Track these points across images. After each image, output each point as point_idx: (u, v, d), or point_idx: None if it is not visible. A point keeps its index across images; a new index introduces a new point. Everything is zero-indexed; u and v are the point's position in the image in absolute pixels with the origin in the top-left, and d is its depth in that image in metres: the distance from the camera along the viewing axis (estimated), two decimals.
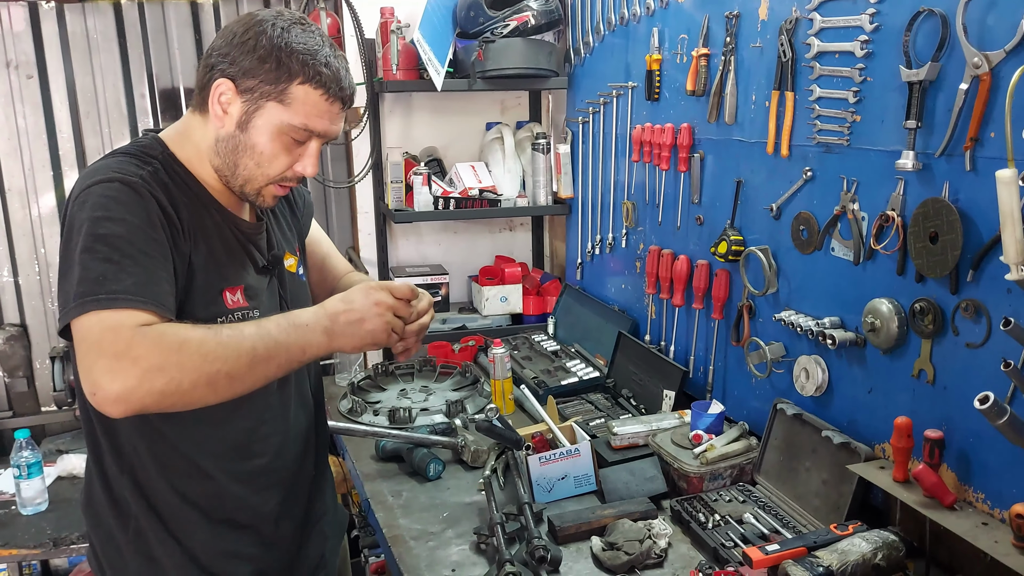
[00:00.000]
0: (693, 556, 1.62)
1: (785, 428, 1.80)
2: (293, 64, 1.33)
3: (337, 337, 1.36)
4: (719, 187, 2.09)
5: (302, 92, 1.35)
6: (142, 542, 1.44)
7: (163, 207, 1.31)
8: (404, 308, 1.45)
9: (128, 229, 1.25)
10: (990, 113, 1.34)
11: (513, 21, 2.76)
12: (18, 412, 3.07)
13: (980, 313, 1.39)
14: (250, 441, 1.49)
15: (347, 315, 1.37)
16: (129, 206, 1.27)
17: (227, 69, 1.34)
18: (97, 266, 1.22)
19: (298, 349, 1.32)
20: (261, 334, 1.28)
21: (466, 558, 1.64)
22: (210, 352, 1.22)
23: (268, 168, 1.40)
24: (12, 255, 3.02)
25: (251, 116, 1.36)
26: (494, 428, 1.88)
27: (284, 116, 1.35)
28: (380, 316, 1.40)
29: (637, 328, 2.53)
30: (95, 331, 1.19)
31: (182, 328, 1.24)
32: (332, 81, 1.37)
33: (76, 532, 2.47)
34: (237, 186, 1.43)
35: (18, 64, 2.91)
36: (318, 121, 1.38)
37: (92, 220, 1.24)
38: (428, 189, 2.92)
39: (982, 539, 1.33)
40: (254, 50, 1.33)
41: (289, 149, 1.39)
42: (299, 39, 1.34)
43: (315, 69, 1.34)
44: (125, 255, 1.24)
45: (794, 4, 1.75)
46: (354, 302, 1.39)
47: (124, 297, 1.21)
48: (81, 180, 1.32)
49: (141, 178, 1.31)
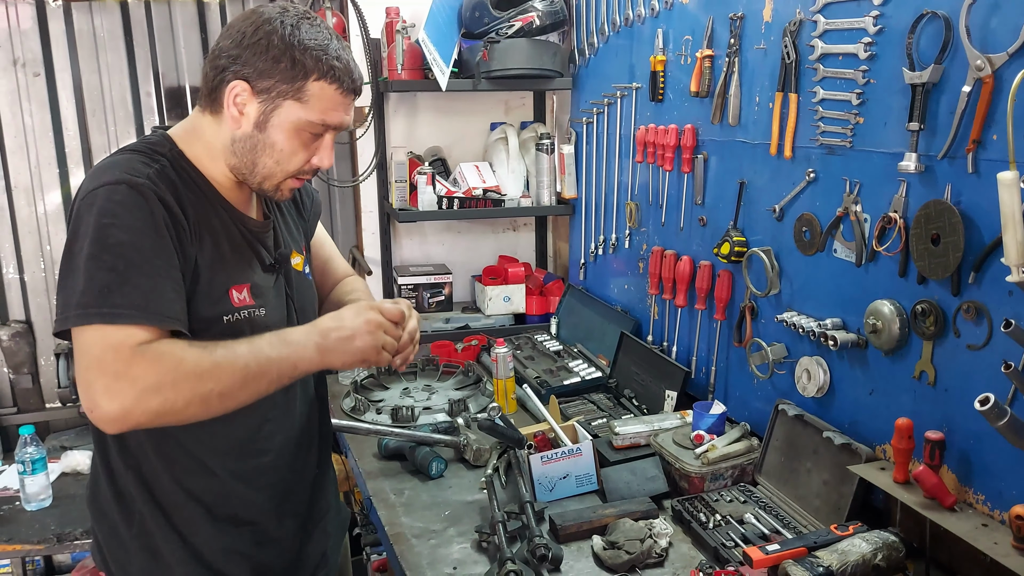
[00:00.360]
0: (694, 556, 1.63)
1: (786, 429, 1.80)
2: (308, 61, 1.34)
3: (328, 353, 1.40)
4: (722, 188, 2.10)
5: (318, 88, 1.36)
6: (146, 537, 1.45)
7: (169, 208, 1.32)
8: (394, 328, 1.48)
9: (133, 236, 1.27)
10: (992, 116, 1.34)
11: (518, 21, 2.77)
12: (23, 408, 3.08)
13: (981, 315, 1.39)
14: (255, 439, 1.50)
15: (338, 332, 1.40)
16: (135, 211, 1.28)
17: (240, 70, 1.35)
18: (102, 276, 1.24)
19: (289, 365, 1.36)
20: (254, 351, 1.32)
21: (468, 556, 1.64)
22: (204, 372, 1.26)
23: (287, 164, 1.42)
24: (18, 252, 3.03)
25: (269, 116, 1.37)
26: (496, 427, 1.89)
27: (302, 113, 1.37)
28: (370, 335, 1.42)
29: (639, 328, 2.54)
30: (97, 348, 1.23)
31: (178, 347, 1.27)
32: (345, 74, 1.39)
33: (79, 528, 2.48)
34: (256, 183, 1.44)
35: (25, 62, 2.93)
36: (334, 114, 1.40)
37: (99, 226, 1.26)
38: (432, 189, 2.93)
39: (982, 540, 1.33)
40: (267, 50, 1.34)
41: (306, 144, 1.41)
42: (309, 35, 1.35)
43: (328, 64, 1.36)
44: (131, 264, 1.26)
45: (798, 6, 1.75)
46: (345, 320, 1.42)
47: (127, 312, 1.24)
48: (89, 179, 1.33)
49: (148, 178, 1.31)
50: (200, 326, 1.36)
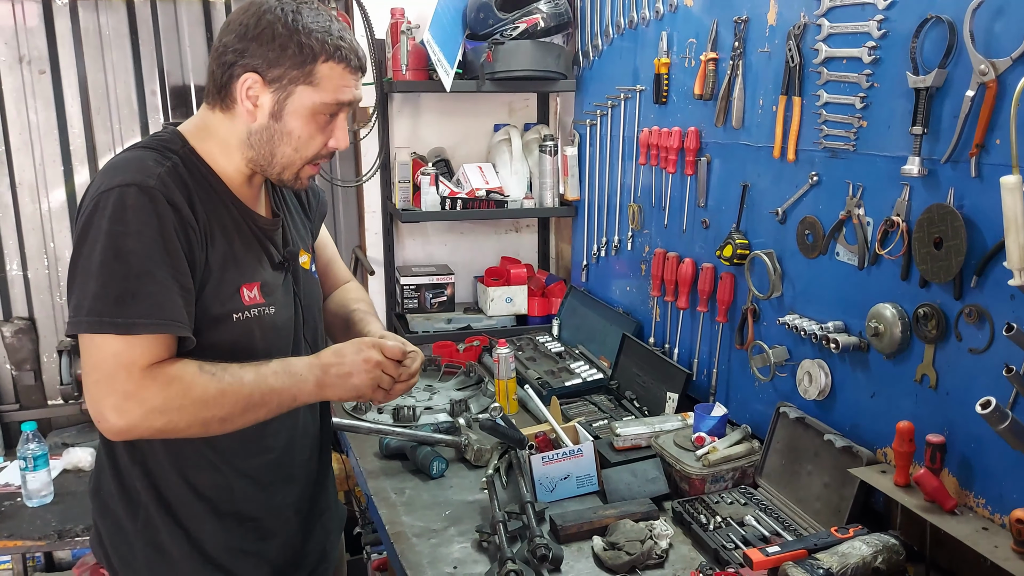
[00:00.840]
0: (694, 557, 1.63)
1: (787, 431, 1.81)
2: (314, 44, 1.36)
3: (327, 388, 1.44)
4: (725, 191, 2.10)
5: (327, 69, 1.38)
6: (151, 532, 1.46)
7: (179, 210, 1.33)
8: (393, 367, 1.49)
9: (144, 243, 1.28)
10: (996, 120, 1.34)
11: (522, 23, 2.77)
12: (25, 405, 3.09)
13: (983, 319, 1.39)
14: (261, 436, 1.50)
15: (337, 368, 1.44)
16: (145, 216, 1.29)
17: (249, 62, 1.36)
18: (116, 284, 1.27)
19: (289, 397, 1.40)
20: (259, 381, 1.36)
21: (468, 556, 1.65)
22: (210, 399, 1.31)
23: (305, 150, 1.43)
24: (22, 249, 3.04)
25: (283, 104, 1.38)
26: (497, 427, 1.89)
27: (315, 96, 1.38)
28: (367, 372, 1.45)
29: (641, 330, 2.54)
30: (109, 364, 1.27)
31: (189, 372, 1.31)
32: (351, 52, 1.41)
33: (81, 524, 2.49)
34: (275, 173, 1.45)
35: (31, 59, 2.94)
36: (346, 91, 1.41)
37: (110, 232, 1.27)
38: (435, 189, 2.93)
39: (982, 544, 1.33)
40: (272, 39, 1.35)
41: (322, 128, 1.43)
42: (311, 19, 1.37)
43: (335, 45, 1.38)
44: (143, 272, 1.28)
45: (802, 9, 1.75)
46: (346, 356, 1.45)
47: (140, 323, 1.27)
48: (101, 177, 1.34)
49: (159, 178, 1.32)
50: (211, 324, 1.38)
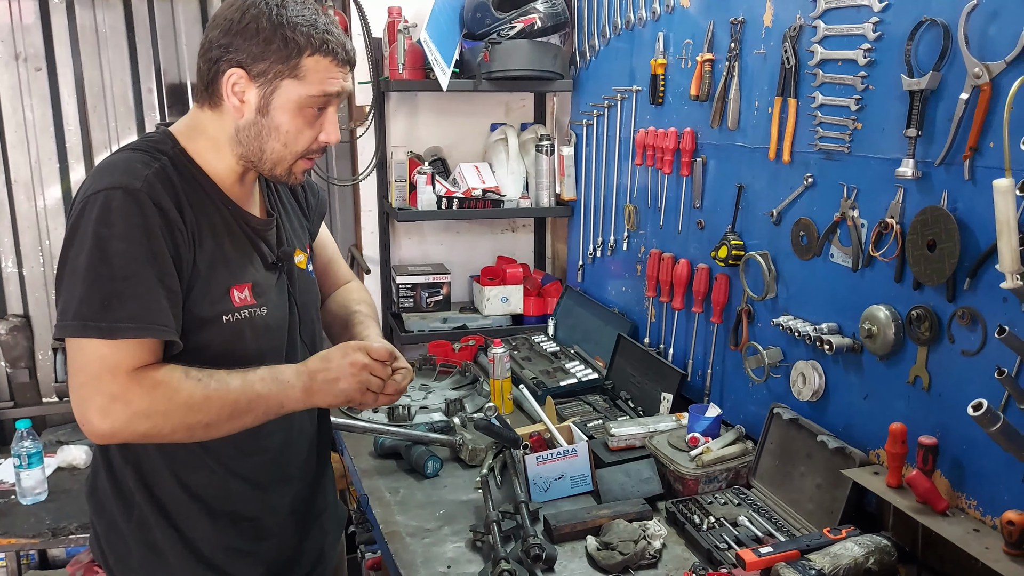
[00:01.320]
0: (687, 557, 1.63)
1: (781, 432, 1.81)
2: (299, 38, 1.35)
3: (314, 394, 1.43)
4: (720, 192, 2.10)
5: (313, 62, 1.37)
6: (145, 531, 1.46)
7: (165, 212, 1.32)
8: (381, 368, 1.48)
9: (130, 246, 1.28)
10: (990, 123, 1.35)
11: (520, 23, 2.78)
12: (19, 402, 3.08)
13: (976, 321, 1.40)
14: (255, 437, 1.49)
15: (324, 374, 1.43)
16: (131, 219, 1.29)
17: (234, 58, 1.35)
18: (103, 287, 1.27)
19: (276, 403, 1.39)
20: (245, 388, 1.35)
21: (462, 555, 1.65)
22: (195, 405, 1.31)
23: (295, 145, 1.42)
24: (17, 246, 3.04)
25: (269, 99, 1.37)
26: (492, 427, 1.89)
27: (301, 90, 1.37)
28: (354, 376, 1.44)
29: (636, 331, 2.54)
30: (95, 366, 1.27)
31: (175, 377, 1.31)
32: (338, 46, 1.39)
33: (75, 523, 2.48)
34: (267, 170, 1.44)
35: (27, 57, 2.93)
36: (332, 83, 1.40)
37: (97, 236, 1.27)
38: (432, 188, 2.93)
39: (973, 545, 1.34)
40: (257, 33, 1.34)
41: (311, 122, 1.42)
42: (296, 12, 1.36)
43: (321, 38, 1.36)
44: (129, 275, 1.27)
45: (798, 11, 1.76)
46: (332, 361, 1.44)
47: (126, 327, 1.27)
48: (90, 180, 1.34)
49: (146, 180, 1.32)
50: (200, 326, 1.37)
